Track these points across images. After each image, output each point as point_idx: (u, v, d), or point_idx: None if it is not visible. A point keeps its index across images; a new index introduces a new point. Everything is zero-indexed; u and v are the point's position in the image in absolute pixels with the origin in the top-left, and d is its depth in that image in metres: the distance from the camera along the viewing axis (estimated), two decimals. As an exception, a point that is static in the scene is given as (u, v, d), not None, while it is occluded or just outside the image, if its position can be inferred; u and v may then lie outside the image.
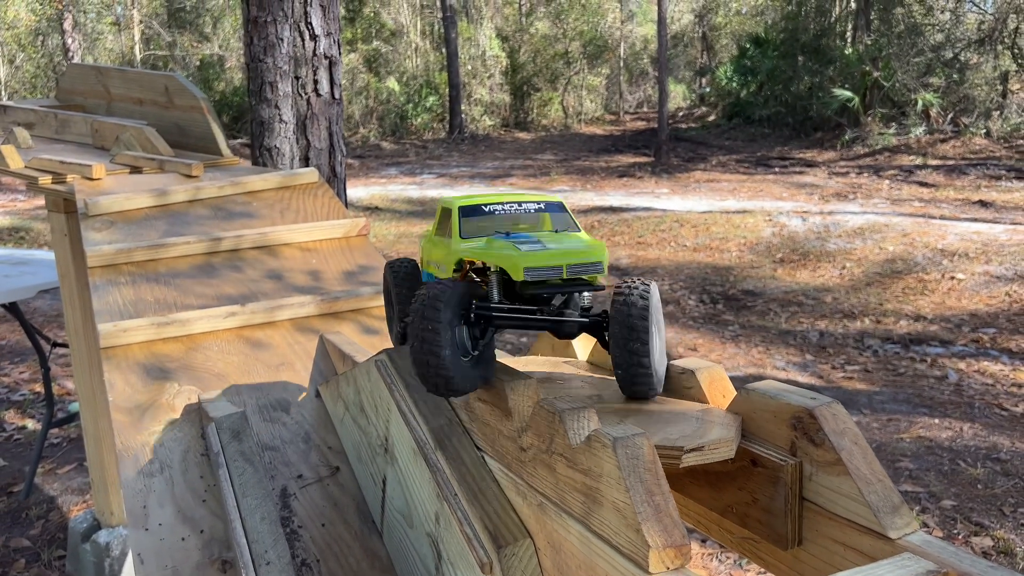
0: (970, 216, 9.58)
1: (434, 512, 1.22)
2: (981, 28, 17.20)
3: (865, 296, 7.09)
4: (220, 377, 1.92)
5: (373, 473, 1.54)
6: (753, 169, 14.71)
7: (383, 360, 1.40)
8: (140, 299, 2.17)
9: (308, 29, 3.43)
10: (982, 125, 15.78)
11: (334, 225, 2.57)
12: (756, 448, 1.02)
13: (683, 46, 29.48)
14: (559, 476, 0.98)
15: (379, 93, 24.33)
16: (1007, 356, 5.64)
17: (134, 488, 1.58)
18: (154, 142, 3.23)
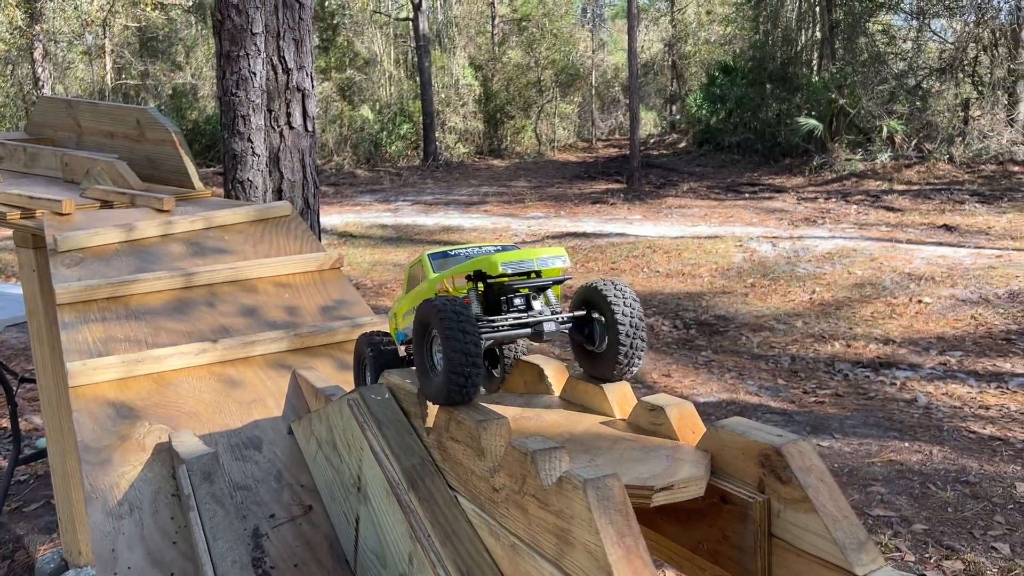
0: (935, 240, 9.77)
1: (407, 553, 1.22)
2: (942, 57, 17.65)
3: (835, 320, 7.19)
4: (192, 415, 1.90)
5: (346, 512, 1.53)
6: (724, 195, 14.91)
7: (355, 399, 1.41)
8: (110, 337, 2.15)
9: (281, 63, 3.44)
10: (945, 151, 16.14)
11: (307, 259, 2.57)
12: (725, 485, 1.04)
13: (654, 74, 29.91)
14: (531, 517, 0.99)
15: (353, 121, 24.38)
16: (974, 379, 5.73)
17: (103, 531, 1.56)
18: (125, 176, 3.21)
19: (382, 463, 1.28)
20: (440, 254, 1.38)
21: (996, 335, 6.61)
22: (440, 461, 1.24)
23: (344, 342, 2.27)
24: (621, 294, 1.24)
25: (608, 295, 1.24)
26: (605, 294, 1.24)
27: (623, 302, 1.24)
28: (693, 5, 27.33)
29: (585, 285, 1.28)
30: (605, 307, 1.24)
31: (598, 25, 32.49)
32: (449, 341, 1.11)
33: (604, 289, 1.25)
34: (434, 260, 1.37)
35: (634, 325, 1.23)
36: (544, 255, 1.21)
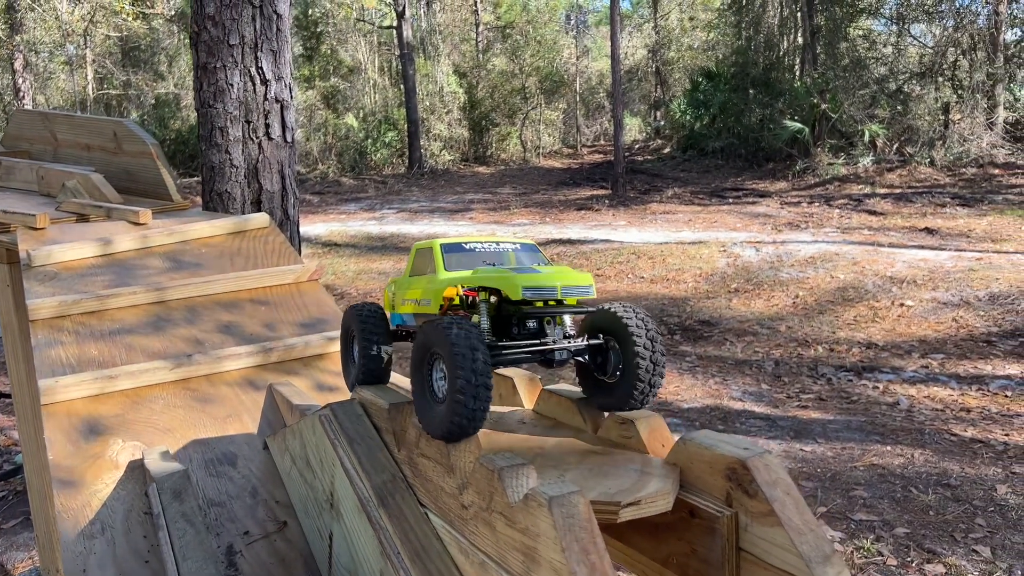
0: (917, 243, 9.84)
1: (379, 570, 1.21)
2: (922, 61, 17.82)
3: (818, 324, 7.23)
4: (166, 432, 1.89)
5: (320, 528, 1.52)
6: (708, 200, 14.97)
7: (327, 415, 1.40)
8: (83, 354, 2.13)
9: (259, 74, 3.43)
10: (926, 154, 16.28)
11: (284, 271, 2.55)
12: (693, 499, 1.04)
13: (638, 80, 30.03)
14: (499, 534, 0.98)
15: (337, 129, 24.34)
16: (955, 381, 5.77)
17: (74, 551, 1.54)
18: (102, 189, 3.19)
19: (353, 480, 1.27)
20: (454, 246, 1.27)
21: (977, 337, 6.67)
22: (411, 478, 1.23)
23: (321, 356, 2.26)
24: (643, 324, 1.14)
25: (629, 324, 1.14)
26: (625, 323, 1.14)
27: (644, 333, 1.14)
28: (676, 11, 27.48)
29: (601, 309, 1.18)
30: (625, 337, 1.15)
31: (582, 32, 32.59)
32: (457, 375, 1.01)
33: (624, 317, 1.15)
34: (447, 253, 1.26)
35: (655, 359, 1.13)
36: (569, 283, 1.10)
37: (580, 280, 1.09)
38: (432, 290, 1.22)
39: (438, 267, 1.23)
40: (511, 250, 1.26)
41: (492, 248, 1.26)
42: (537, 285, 1.07)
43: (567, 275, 1.10)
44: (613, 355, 1.16)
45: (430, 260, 1.26)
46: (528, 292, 1.06)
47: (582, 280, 1.09)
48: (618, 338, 1.15)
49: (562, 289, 1.08)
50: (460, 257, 1.24)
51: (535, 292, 1.07)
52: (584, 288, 1.09)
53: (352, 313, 1.39)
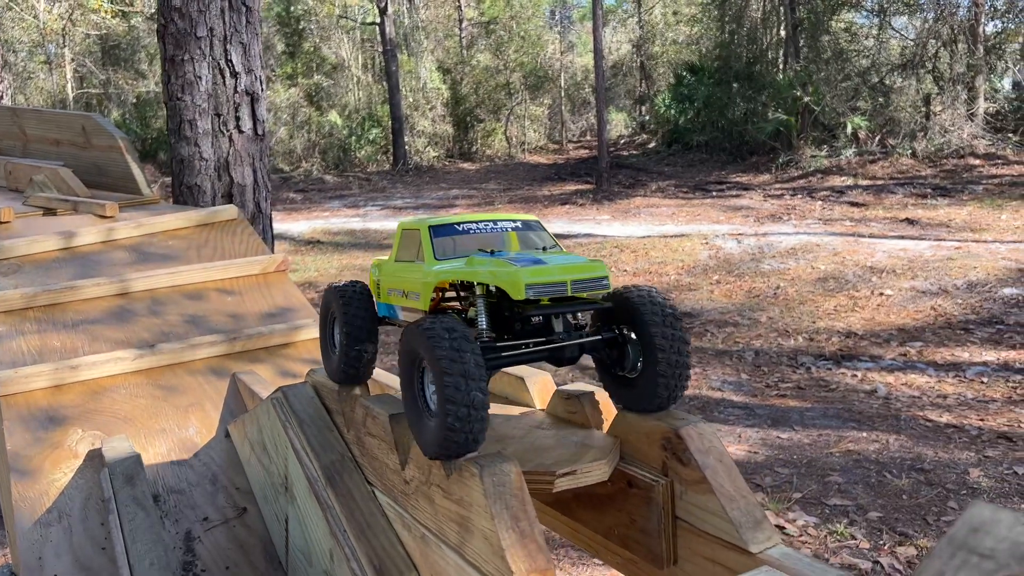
0: (897, 234, 9.91)
1: (328, 549, 1.22)
2: (903, 53, 17.90)
3: (799, 314, 7.27)
4: (127, 421, 1.88)
5: (277, 513, 1.52)
6: (691, 194, 15.01)
7: (279, 398, 1.40)
8: (46, 345, 2.12)
9: (228, 66, 3.42)
10: (908, 146, 16.36)
11: (251, 262, 2.55)
12: (631, 470, 1.05)
13: (622, 75, 30.01)
14: (437, 507, 0.99)
15: (321, 127, 24.24)
16: (932, 368, 5.81)
17: (29, 539, 1.54)
18: (70, 183, 3.17)
19: (303, 461, 1.27)
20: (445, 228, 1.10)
21: (955, 325, 6.72)
22: (359, 457, 1.24)
23: (285, 345, 2.26)
24: (657, 307, 1.01)
25: (642, 308, 1.01)
26: (638, 306, 1.01)
27: (660, 317, 1.00)
28: (660, 6, 27.48)
29: (612, 293, 1.04)
30: (639, 323, 1.01)
31: (566, 27, 32.54)
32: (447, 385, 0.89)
33: (636, 300, 1.02)
34: (437, 237, 1.09)
35: (675, 347, 1.00)
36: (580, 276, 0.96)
37: (592, 271, 0.97)
38: (421, 283, 1.08)
39: (427, 255, 1.09)
40: (511, 229, 1.12)
41: (489, 229, 1.11)
42: (544, 281, 0.94)
43: (577, 266, 0.97)
44: (631, 348, 1.04)
45: (417, 244, 1.12)
46: (533, 291, 0.93)
47: (595, 271, 0.97)
48: (634, 327, 1.03)
49: (572, 284, 0.95)
50: (452, 241, 1.10)
51: (541, 290, 0.93)
52: (597, 280, 0.97)
53: (334, 294, 1.23)
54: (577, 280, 0.95)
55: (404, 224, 1.19)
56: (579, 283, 0.96)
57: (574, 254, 1.05)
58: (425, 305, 1.06)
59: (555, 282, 0.94)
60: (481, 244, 1.08)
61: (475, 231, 1.10)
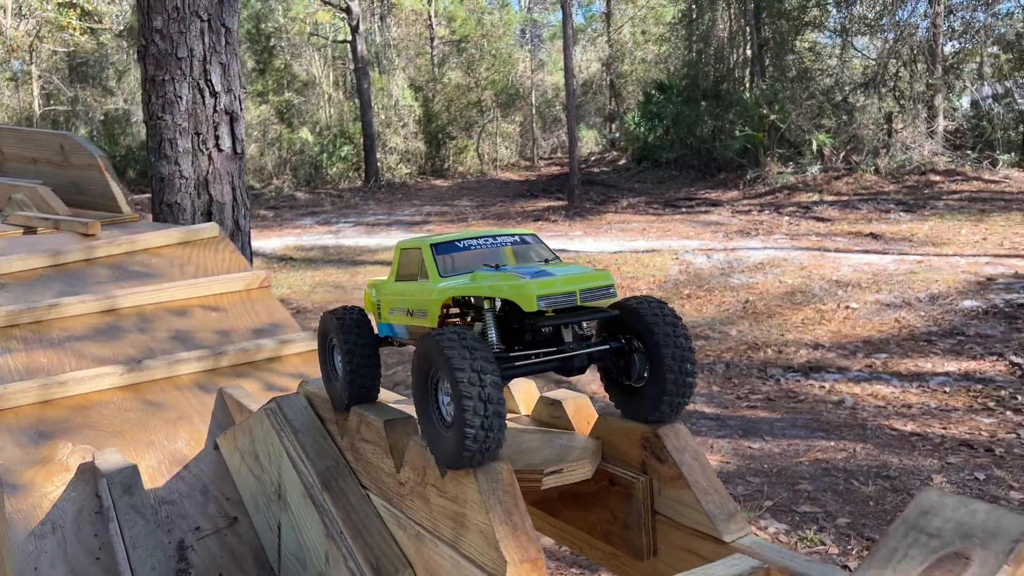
0: (862, 248, 10.14)
1: (324, 552, 1.27)
2: (865, 72, 18.34)
3: (767, 328, 7.42)
4: (117, 435, 1.92)
5: (269, 520, 1.57)
6: (662, 210, 15.22)
7: (273, 408, 1.45)
8: (32, 362, 2.14)
9: (208, 86, 3.46)
10: (871, 162, 16.73)
11: (234, 279, 2.59)
12: (613, 468, 1.12)
13: (592, 93, 30.35)
14: (432, 505, 1.05)
15: (292, 144, 24.21)
16: (897, 379, 5.97)
17: (24, 550, 1.57)
18: (49, 201, 3.19)
19: (298, 468, 1.33)
20: (446, 245, 1.12)
21: (918, 337, 6.90)
22: (353, 462, 1.30)
23: (271, 360, 2.31)
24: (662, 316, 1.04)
25: (647, 317, 1.03)
26: (644, 316, 1.03)
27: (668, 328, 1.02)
28: (629, 25, 27.88)
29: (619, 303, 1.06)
30: (646, 334, 1.03)
31: (537, 46, 32.85)
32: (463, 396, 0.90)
33: (643, 311, 1.04)
34: (439, 255, 1.11)
35: (681, 356, 1.02)
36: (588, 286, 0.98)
37: (599, 281, 0.99)
38: (428, 300, 1.09)
39: (431, 272, 1.10)
40: (509, 244, 1.14)
41: (488, 244, 1.13)
42: (553, 292, 0.95)
43: (584, 276, 0.98)
44: (637, 358, 1.06)
45: (419, 263, 1.14)
46: (543, 302, 0.95)
47: (601, 280, 0.99)
48: (641, 338, 1.04)
49: (581, 294, 0.97)
50: (454, 258, 1.11)
51: (551, 300, 0.95)
52: (604, 289, 0.99)
53: (332, 321, 1.25)
54: (585, 289, 0.97)
55: (403, 244, 1.19)
56: (587, 292, 0.97)
57: (577, 264, 1.06)
58: (434, 322, 1.07)
59: (564, 292, 0.96)
60: (482, 259, 1.10)
61: (475, 247, 1.12)
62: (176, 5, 3.24)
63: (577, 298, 0.97)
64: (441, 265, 1.10)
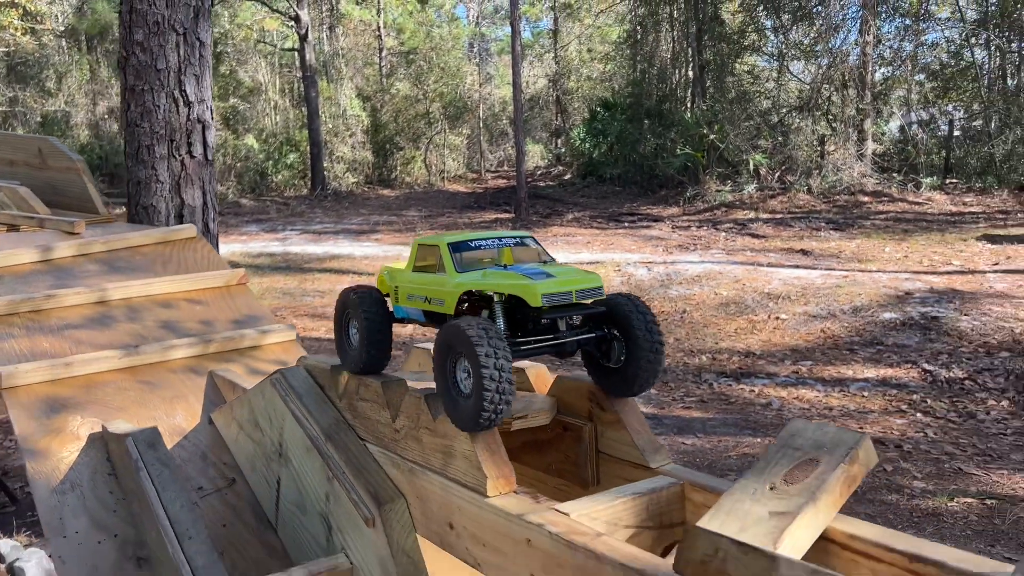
0: (793, 263, 10.70)
1: (324, 493, 1.53)
2: (800, 96, 19.16)
3: (703, 336, 7.84)
4: (120, 410, 2.14)
5: (267, 478, 1.82)
6: (605, 224, 15.67)
7: (277, 378, 1.71)
8: (35, 346, 2.34)
9: (182, 96, 3.67)
10: (804, 182, 17.47)
11: (215, 275, 2.82)
12: (566, 419, 1.41)
13: (539, 108, 30.82)
14: (424, 444, 1.33)
15: (237, 151, 24.07)
16: (821, 384, 6.43)
17: (48, 504, 1.79)
18: (30, 201, 3.36)
19: (303, 424, 1.59)
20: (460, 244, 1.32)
21: (841, 346, 7.39)
22: (351, 419, 1.56)
23: (254, 348, 2.54)
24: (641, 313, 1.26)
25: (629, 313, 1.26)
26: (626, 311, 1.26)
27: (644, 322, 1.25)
28: (575, 43, 28.46)
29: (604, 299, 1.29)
30: (626, 325, 1.26)
31: (485, 59, 33.24)
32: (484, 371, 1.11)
33: (624, 306, 1.27)
34: (455, 252, 1.31)
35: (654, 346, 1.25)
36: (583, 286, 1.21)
37: (591, 283, 1.23)
38: (445, 292, 1.30)
39: (448, 268, 1.31)
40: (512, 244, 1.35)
41: (495, 244, 1.34)
42: (554, 291, 1.18)
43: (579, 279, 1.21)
44: (616, 344, 1.29)
45: (436, 257, 1.34)
46: (547, 299, 1.17)
47: (593, 283, 1.23)
48: (621, 328, 1.27)
49: (576, 293, 1.20)
50: (468, 256, 1.32)
51: (553, 298, 1.18)
52: (595, 290, 1.23)
53: (351, 298, 1.46)
54: (580, 290, 1.21)
55: (421, 240, 1.40)
56: (582, 292, 1.21)
57: (571, 266, 1.30)
58: (450, 310, 1.29)
59: (563, 290, 1.19)
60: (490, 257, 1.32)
61: (484, 246, 1.34)
62: (156, 20, 3.44)
63: (573, 296, 1.20)
64: (456, 261, 1.30)
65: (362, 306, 1.42)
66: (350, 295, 1.46)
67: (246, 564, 1.71)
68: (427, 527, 1.34)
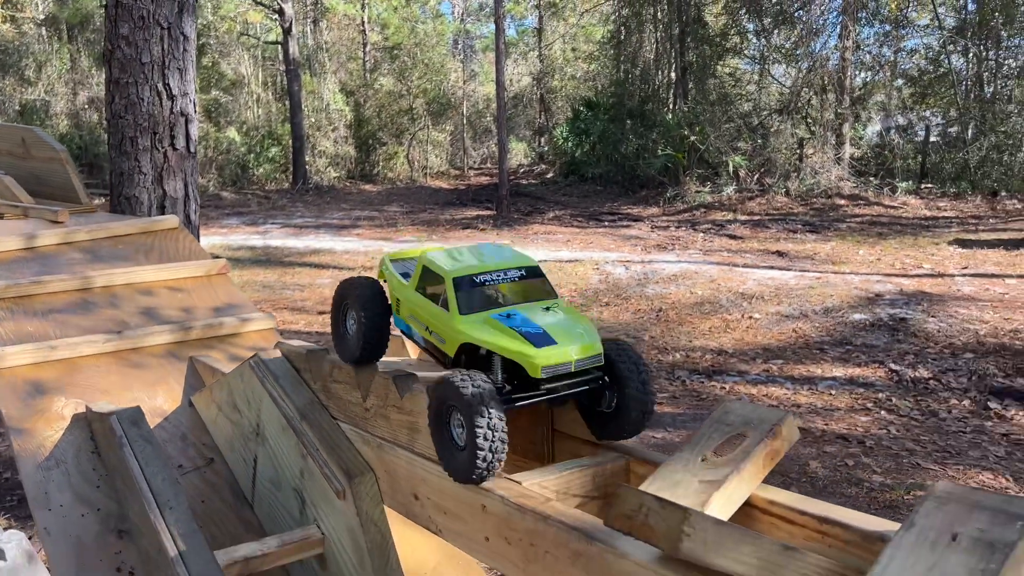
0: (768, 264, 10.88)
1: (299, 469, 1.63)
2: (781, 99, 19.39)
3: (677, 334, 7.98)
4: (103, 392, 2.22)
5: (245, 457, 1.91)
6: (586, 223, 15.81)
7: (255, 361, 1.81)
8: (20, 330, 2.42)
9: (166, 90, 3.74)
10: (783, 185, 17.71)
11: (197, 265, 2.90)
12: (526, 401, 1.52)
13: (523, 106, 30.90)
14: (392, 421, 1.43)
15: (219, 143, 23.99)
16: (790, 382, 6.58)
17: (34, 479, 1.87)
18: (13, 190, 3.42)
19: (279, 404, 1.68)
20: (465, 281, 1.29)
21: (812, 345, 7.56)
22: (325, 400, 1.66)
23: (234, 335, 2.63)
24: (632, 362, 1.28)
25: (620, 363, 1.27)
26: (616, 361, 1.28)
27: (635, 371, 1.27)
28: (560, 42, 28.58)
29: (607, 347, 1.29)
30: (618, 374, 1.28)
31: (469, 56, 33.29)
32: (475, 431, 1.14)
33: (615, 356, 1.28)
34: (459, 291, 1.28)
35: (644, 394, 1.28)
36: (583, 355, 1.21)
37: (592, 351, 1.22)
38: (448, 335, 1.30)
39: (452, 308, 1.28)
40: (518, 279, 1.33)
41: (501, 279, 1.31)
42: (554, 363, 1.19)
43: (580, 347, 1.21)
44: (608, 392, 1.30)
45: (441, 289, 1.32)
46: (547, 371, 1.19)
47: (593, 351, 1.22)
48: (613, 376, 1.30)
49: (576, 363, 1.21)
50: (472, 294, 1.29)
51: (553, 369, 1.19)
52: (595, 358, 1.23)
53: (351, 289, 1.47)
54: (580, 359, 1.22)
55: (426, 262, 1.37)
56: (581, 361, 1.22)
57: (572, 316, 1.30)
58: (451, 352, 1.31)
59: (563, 363, 1.20)
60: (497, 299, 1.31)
61: (489, 282, 1.31)
62: (141, 15, 3.51)
63: (573, 367, 1.22)
64: (461, 302, 1.29)
65: (361, 298, 1.44)
66: (349, 286, 1.48)
67: (224, 537, 1.80)
68: (394, 498, 1.44)
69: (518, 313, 1.27)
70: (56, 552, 1.69)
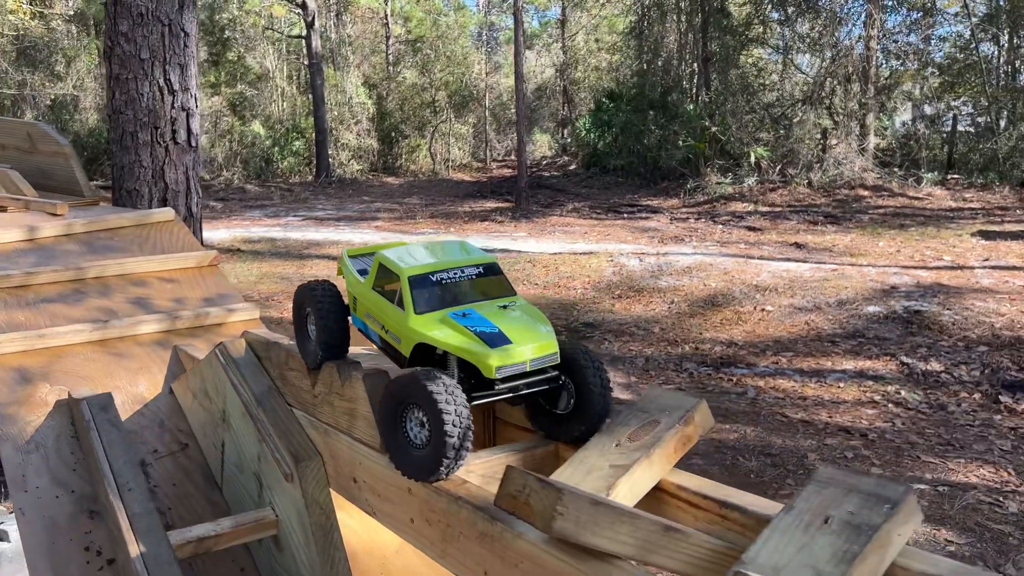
0: (784, 256, 10.80)
1: (257, 454, 1.69)
2: (804, 89, 19.18)
3: (688, 326, 7.97)
4: (87, 379, 2.30)
5: (214, 442, 1.98)
6: (604, 215, 15.79)
7: (220, 349, 1.87)
8: (12, 319, 2.50)
9: (167, 85, 3.82)
10: (805, 176, 17.54)
11: (188, 256, 2.97)
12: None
13: (546, 98, 30.86)
14: (335, 407, 1.48)
15: (244, 136, 24.25)
16: (799, 375, 6.56)
17: (13, 462, 1.95)
18: (18, 184, 3.51)
19: (239, 391, 1.74)
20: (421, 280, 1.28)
21: (824, 338, 7.51)
22: (282, 387, 1.71)
23: (219, 325, 2.69)
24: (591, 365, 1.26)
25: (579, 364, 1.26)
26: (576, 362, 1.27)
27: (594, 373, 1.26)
28: (583, 33, 28.50)
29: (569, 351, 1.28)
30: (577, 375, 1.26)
31: (493, 48, 33.30)
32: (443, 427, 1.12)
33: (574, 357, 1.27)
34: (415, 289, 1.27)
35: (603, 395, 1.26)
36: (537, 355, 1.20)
37: (548, 350, 1.21)
38: (404, 334, 1.29)
39: (407, 306, 1.27)
40: (476, 275, 1.32)
41: (458, 278, 1.29)
42: (509, 364, 1.18)
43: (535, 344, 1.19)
44: (564, 392, 1.29)
45: (397, 287, 1.30)
46: (501, 371, 1.17)
47: (548, 350, 1.21)
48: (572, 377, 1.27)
49: (531, 363, 1.20)
50: (428, 293, 1.27)
51: (508, 370, 1.18)
52: (550, 357, 1.21)
53: (307, 293, 1.47)
54: (535, 358, 1.21)
55: (382, 259, 1.35)
56: (536, 360, 1.21)
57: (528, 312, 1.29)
58: (407, 352, 1.30)
59: (518, 362, 1.19)
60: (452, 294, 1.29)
61: (446, 280, 1.29)
62: (141, 11, 3.59)
63: (528, 366, 1.20)
64: (417, 300, 1.27)
65: (315, 301, 1.45)
66: (305, 290, 1.49)
67: (192, 518, 1.86)
68: (337, 482, 1.49)
69: (474, 312, 1.26)
70: (29, 531, 1.76)
